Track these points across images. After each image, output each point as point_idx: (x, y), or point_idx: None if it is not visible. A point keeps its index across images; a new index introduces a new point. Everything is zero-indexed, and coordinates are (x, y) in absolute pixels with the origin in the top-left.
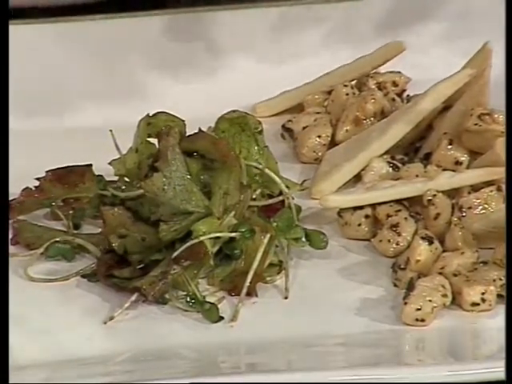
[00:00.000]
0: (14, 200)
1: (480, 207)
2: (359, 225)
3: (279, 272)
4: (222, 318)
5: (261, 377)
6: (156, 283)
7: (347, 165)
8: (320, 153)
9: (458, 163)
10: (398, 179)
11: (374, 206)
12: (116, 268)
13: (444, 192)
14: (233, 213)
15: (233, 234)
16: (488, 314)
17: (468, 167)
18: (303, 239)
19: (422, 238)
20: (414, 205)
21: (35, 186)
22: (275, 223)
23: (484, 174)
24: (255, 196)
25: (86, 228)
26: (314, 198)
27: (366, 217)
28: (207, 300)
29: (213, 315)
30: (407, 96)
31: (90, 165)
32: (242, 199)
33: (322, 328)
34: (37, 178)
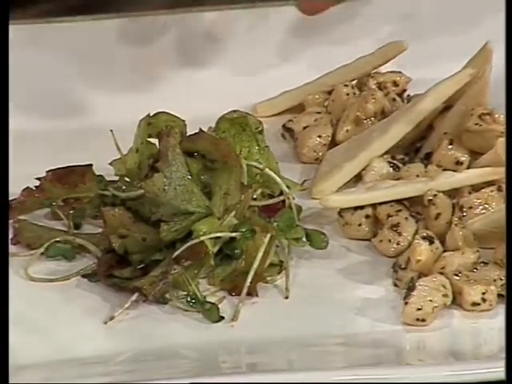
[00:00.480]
0: (14, 200)
1: (480, 207)
2: (360, 225)
3: (280, 272)
4: (222, 318)
5: (261, 377)
6: (156, 283)
7: (348, 165)
8: (320, 153)
9: (459, 163)
10: (398, 179)
11: (374, 205)
12: (116, 268)
13: (445, 192)
14: (233, 213)
15: (233, 234)
16: (488, 313)
17: (468, 167)
18: (304, 239)
19: (423, 238)
20: (414, 205)
21: (36, 186)
22: (276, 223)
23: (484, 174)
24: (256, 196)
25: (86, 228)
26: (314, 198)
27: (367, 217)
28: (208, 300)
29: (213, 315)
30: (408, 96)
31: (90, 165)
32: (242, 199)
33: (322, 328)
34: (37, 178)
